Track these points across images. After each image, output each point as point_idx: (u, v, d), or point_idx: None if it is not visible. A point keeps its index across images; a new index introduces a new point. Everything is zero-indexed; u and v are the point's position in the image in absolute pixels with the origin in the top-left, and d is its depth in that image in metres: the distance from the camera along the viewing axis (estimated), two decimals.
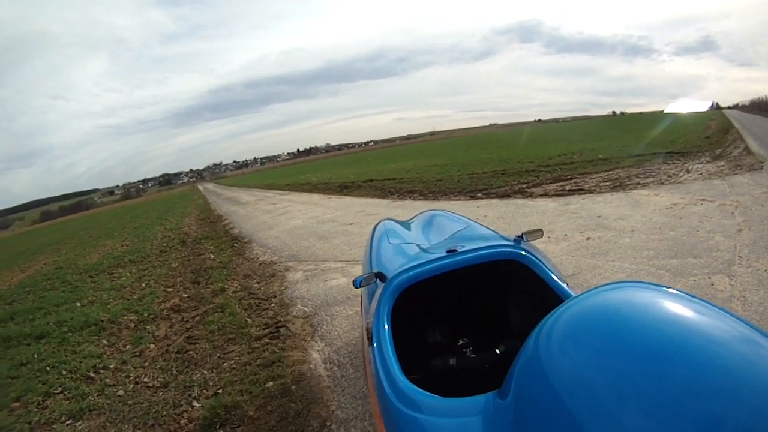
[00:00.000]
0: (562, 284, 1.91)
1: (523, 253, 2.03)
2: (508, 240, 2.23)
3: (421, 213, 3.81)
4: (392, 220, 3.71)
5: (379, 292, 2.02)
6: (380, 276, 2.15)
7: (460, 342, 2.04)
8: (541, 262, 2.01)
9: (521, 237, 2.21)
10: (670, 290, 1.15)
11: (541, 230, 2.33)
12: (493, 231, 2.74)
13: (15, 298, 9.31)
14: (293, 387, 3.42)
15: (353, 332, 4.19)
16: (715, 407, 0.81)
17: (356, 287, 2.22)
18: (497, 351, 1.89)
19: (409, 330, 2.03)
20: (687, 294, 1.12)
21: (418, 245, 2.66)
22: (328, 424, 2.92)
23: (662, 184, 8.96)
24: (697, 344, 0.93)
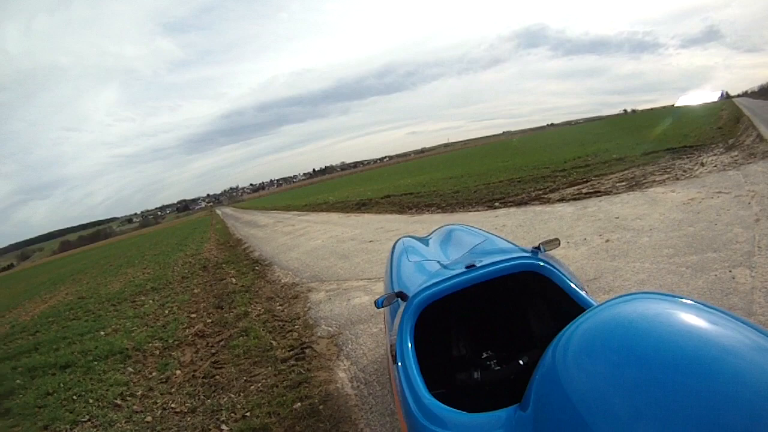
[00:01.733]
0: (581, 292, 1.94)
1: (541, 264, 2.06)
2: (525, 251, 2.27)
3: (439, 228, 3.86)
4: (411, 237, 3.76)
5: (400, 311, 2.05)
6: (401, 295, 2.17)
7: (484, 355, 2.07)
8: (560, 272, 2.04)
9: (538, 248, 2.23)
10: (683, 300, 1.17)
11: (557, 239, 2.36)
12: (510, 243, 2.77)
13: (38, 328, 9.42)
14: (321, 407, 3.42)
15: (378, 350, 4.20)
16: (729, 418, 0.82)
17: (378, 308, 2.22)
18: (521, 362, 1.90)
19: (433, 345, 2.04)
20: (701, 303, 1.14)
21: (437, 261, 2.69)
22: None
23: (678, 179, 8.89)
24: (711, 355, 0.94)
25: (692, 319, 1.06)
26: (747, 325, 1.02)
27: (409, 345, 1.88)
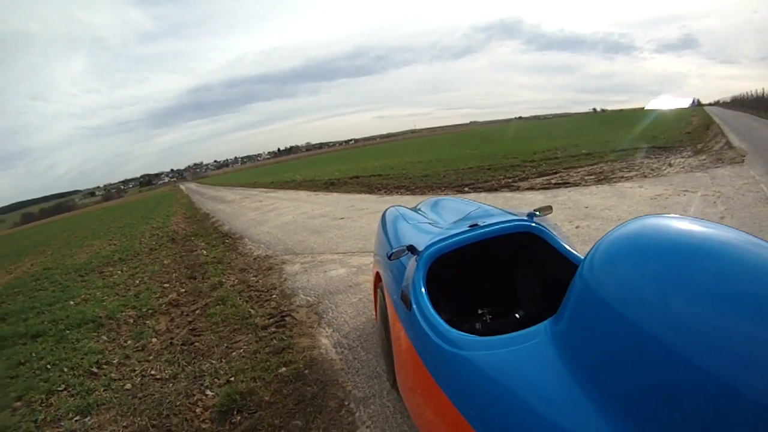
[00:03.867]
0: (574, 252, 2.04)
1: (537, 225, 2.21)
2: (522, 214, 2.39)
3: (425, 200, 3.98)
4: (401, 206, 3.79)
5: (412, 262, 2.15)
6: (411, 249, 2.23)
7: (480, 311, 2.26)
8: (554, 234, 2.17)
9: (533, 213, 2.35)
10: (683, 216, 1.36)
11: (550, 207, 2.47)
12: (503, 210, 2.84)
13: (3, 299, 9.04)
14: (306, 371, 3.41)
15: (359, 318, 4.20)
16: (740, 288, 0.98)
17: (390, 260, 2.30)
18: (517, 316, 2.14)
19: (434, 300, 2.07)
20: (698, 218, 1.32)
21: (437, 225, 2.80)
22: (346, 403, 2.93)
23: (645, 177, 9.18)
24: (717, 245, 1.13)
25: (694, 224, 1.26)
26: (741, 232, 1.19)
27: (423, 290, 1.97)
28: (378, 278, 2.97)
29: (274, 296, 5.31)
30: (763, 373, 0.84)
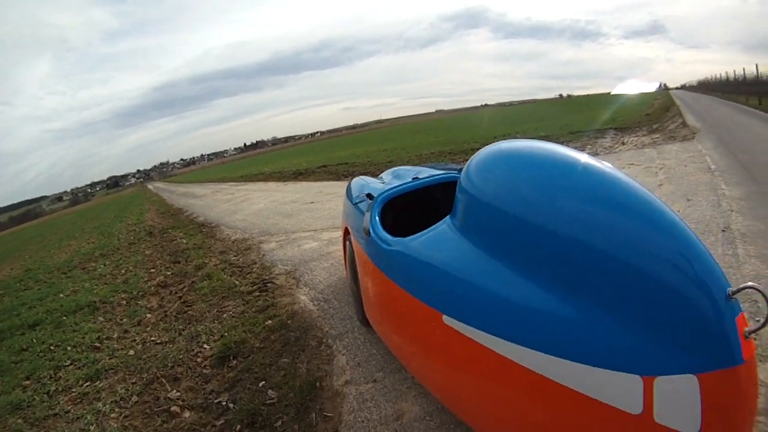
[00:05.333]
0: None
1: None
2: (455, 169, 3.11)
3: (385, 171, 4.45)
4: (364, 176, 4.42)
5: (370, 205, 2.75)
6: (370, 196, 2.91)
7: None
8: None
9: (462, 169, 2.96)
10: (530, 139, 1.84)
11: None
12: (446, 169, 3.43)
13: None
14: (289, 321, 3.87)
15: (332, 278, 4.68)
16: (572, 179, 1.44)
17: (353, 203, 3.09)
18: None
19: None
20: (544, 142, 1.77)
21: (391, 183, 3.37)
22: (324, 341, 3.43)
23: (597, 154, 9.72)
24: (556, 153, 1.60)
25: (542, 144, 1.70)
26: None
27: (377, 220, 2.60)
28: (346, 232, 3.56)
29: (254, 269, 5.70)
30: (596, 231, 1.29)
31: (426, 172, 3.34)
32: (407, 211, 3.03)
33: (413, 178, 3.10)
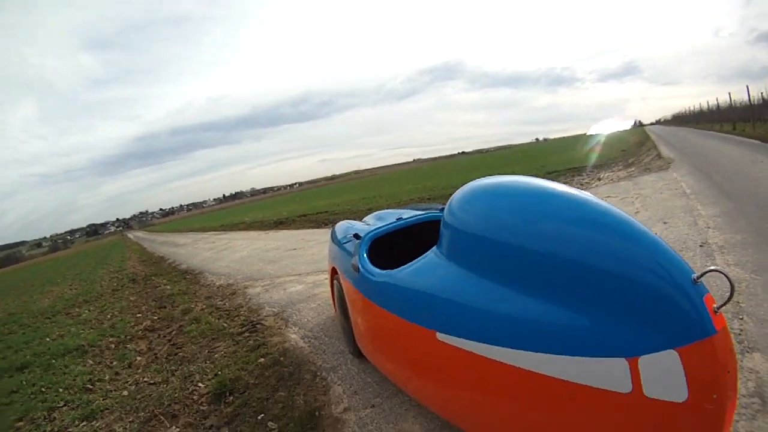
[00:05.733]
0: None
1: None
2: (436, 209, 3.47)
3: (370, 215, 4.73)
4: (349, 220, 4.76)
5: (357, 244, 3.09)
6: (357, 236, 3.22)
7: None
8: None
9: (443, 207, 3.41)
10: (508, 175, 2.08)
11: None
12: (429, 210, 3.75)
13: None
14: (281, 358, 4.07)
15: (320, 317, 4.92)
16: (548, 205, 1.66)
17: (341, 244, 3.50)
18: None
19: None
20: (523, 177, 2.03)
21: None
22: (319, 373, 3.64)
23: None
24: (531, 185, 1.81)
25: (519, 178, 1.96)
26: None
27: (365, 257, 2.91)
28: (333, 273, 3.86)
29: (242, 312, 5.88)
30: (571, 242, 1.50)
31: (408, 213, 3.69)
32: (388, 251, 3.32)
33: (397, 219, 3.47)
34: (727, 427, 1.27)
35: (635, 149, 20.53)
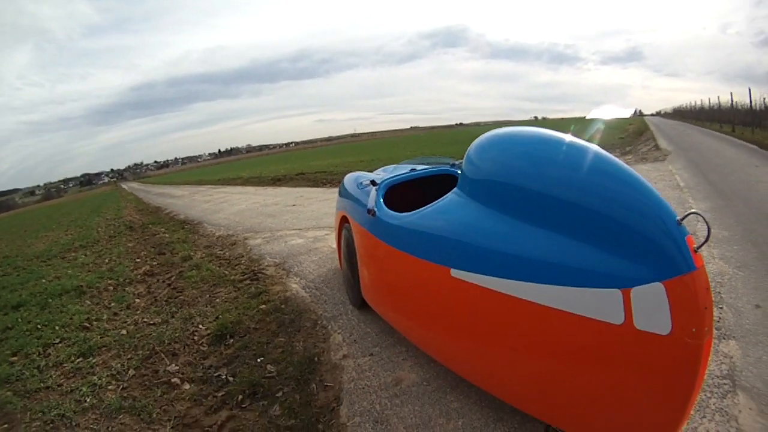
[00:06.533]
0: None
1: (456, 170, 3.29)
2: (447, 164, 3.51)
3: (379, 168, 4.71)
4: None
5: (374, 190, 3.10)
6: (373, 183, 3.25)
7: None
8: None
9: (454, 163, 3.46)
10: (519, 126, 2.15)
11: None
12: (438, 164, 3.81)
13: None
14: (282, 306, 4.04)
15: (321, 269, 4.88)
16: (553, 151, 1.79)
17: (359, 189, 3.45)
18: None
19: None
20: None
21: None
22: (319, 322, 3.62)
23: None
24: (553, 137, 1.88)
25: (529, 129, 2.03)
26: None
27: (381, 202, 2.95)
28: (342, 222, 3.87)
29: (242, 261, 5.82)
30: (573, 185, 1.63)
31: (420, 166, 3.73)
32: (398, 201, 3.31)
33: (411, 170, 3.51)
34: (703, 364, 1.38)
35: (633, 138, 20.47)
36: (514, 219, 1.80)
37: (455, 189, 2.27)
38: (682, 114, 49.00)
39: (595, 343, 1.53)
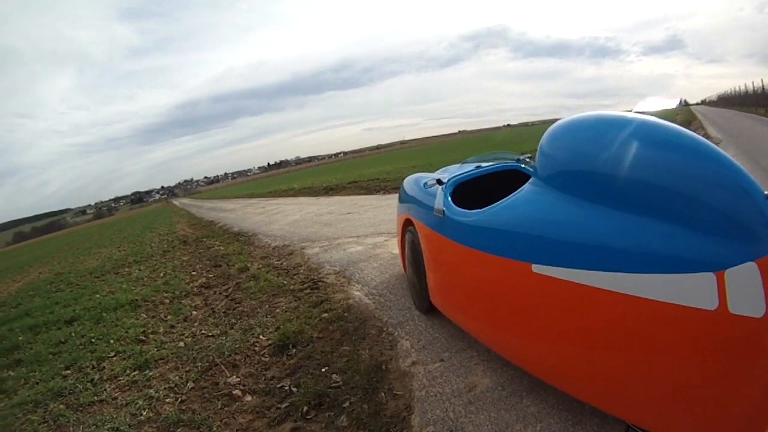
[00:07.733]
0: None
1: (524, 166, 3.30)
2: (513, 159, 3.46)
3: (440, 169, 4.61)
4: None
5: (440, 189, 3.12)
6: (439, 181, 3.19)
7: None
8: (532, 170, 2.83)
9: (521, 159, 3.40)
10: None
11: (533, 157, 3.21)
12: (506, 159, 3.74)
13: (20, 301, 9.13)
14: (345, 314, 3.95)
15: (383, 276, 4.79)
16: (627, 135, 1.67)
17: (423, 190, 3.41)
18: None
19: None
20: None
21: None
22: (385, 328, 3.52)
23: None
24: (636, 121, 1.75)
25: (605, 112, 1.95)
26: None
27: (450, 201, 2.93)
28: (405, 225, 3.86)
29: (301, 271, 5.76)
30: (657, 166, 1.55)
31: (486, 163, 3.65)
32: (463, 199, 3.24)
33: (476, 167, 3.47)
34: None
35: (683, 126, 19.70)
36: (596, 206, 1.73)
37: (530, 181, 2.20)
38: (726, 101, 47.87)
39: (686, 332, 1.45)
